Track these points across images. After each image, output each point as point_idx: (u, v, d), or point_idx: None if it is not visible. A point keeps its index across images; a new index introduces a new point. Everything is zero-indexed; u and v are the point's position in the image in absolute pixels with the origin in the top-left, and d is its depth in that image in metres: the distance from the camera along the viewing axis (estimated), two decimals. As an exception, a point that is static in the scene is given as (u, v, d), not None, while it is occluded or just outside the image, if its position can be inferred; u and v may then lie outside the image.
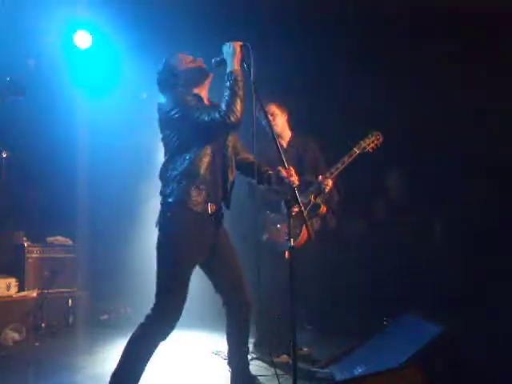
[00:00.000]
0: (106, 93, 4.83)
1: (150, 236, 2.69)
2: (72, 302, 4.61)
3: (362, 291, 4.39)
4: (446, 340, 2.77)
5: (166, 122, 2.67)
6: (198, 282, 2.89)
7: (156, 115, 2.69)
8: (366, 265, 4.52)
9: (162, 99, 2.71)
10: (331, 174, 3.51)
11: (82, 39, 4.61)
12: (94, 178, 4.91)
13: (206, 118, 2.54)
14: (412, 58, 4.43)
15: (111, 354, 2.59)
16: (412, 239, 4.43)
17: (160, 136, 2.71)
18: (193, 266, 2.66)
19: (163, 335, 2.53)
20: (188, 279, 2.61)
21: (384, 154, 4.50)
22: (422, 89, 4.44)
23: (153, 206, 4.31)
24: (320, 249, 3.78)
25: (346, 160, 3.51)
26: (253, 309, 2.83)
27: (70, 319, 4.59)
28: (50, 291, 4.49)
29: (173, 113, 2.60)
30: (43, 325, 4.39)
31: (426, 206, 4.63)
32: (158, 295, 2.57)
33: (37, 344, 4.08)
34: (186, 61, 2.76)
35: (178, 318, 2.55)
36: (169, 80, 2.73)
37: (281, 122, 3.80)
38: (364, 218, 4.90)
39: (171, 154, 2.65)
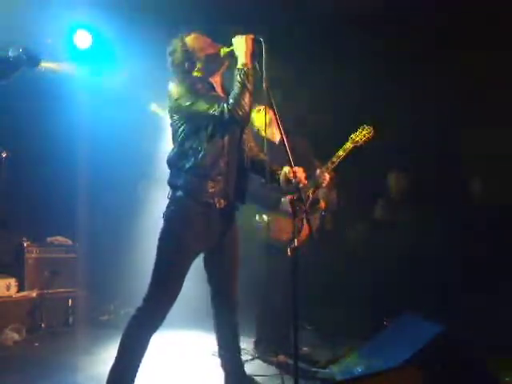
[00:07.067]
0: (106, 93, 4.82)
1: (150, 236, 2.69)
2: (72, 302, 4.60)
3: (362, 291, 4.39)
4: (446, 340, 2.78)
5: (174, 109, 2.61)
6: (197, 282, 2.90)
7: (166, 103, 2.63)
8: (366, 265, 4.52)
9: (171, 84, 2.62)
10: (327, 168, 3.53)
11: (82, 39, 4.60)
12: (94, 177, 4.91)
13: (215, 112, 2.48)
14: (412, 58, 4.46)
15: (111, 354, 2.56)
16: (412, 239, 4.42)
17: (169, 122, 2.67)
18: (193, 257, 2.62)
19: (154, 327, 2.52)
20: (186, 270, 2.57)
21: (384, 153, 4.56)
22: (422, 89, 4.46)
23: (153, 206, 4.35)
24: (320, 249, 3.78)
25: (341, 154, 3.52)
26: (237, 313, 2.78)
27: (70, 319, 4.58)
28: (49, 291, 4.50)
29: (182, 101, 2.54)
30: (43, 325, 4.39)
31: (426, 205, 4.64)
32: (152, 285, 2.53)
33: (37, 344, 4.08)
34: (203, 45, 2.66)
35: (168, 311, 2.53)
36: (183, 63, 2.65)
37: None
38: (364, 218, 4.89)
39: (183, 142, 2.59)
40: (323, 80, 4.63)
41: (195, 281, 2.91)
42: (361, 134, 3.55)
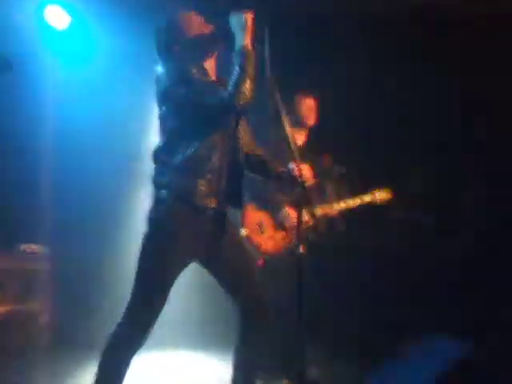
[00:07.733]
0: (83, 81, 4.54)
1: (134, 244, 2.41)
2: (45, 318, 4.37)
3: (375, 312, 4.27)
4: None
5: (164, 97, 2.38)
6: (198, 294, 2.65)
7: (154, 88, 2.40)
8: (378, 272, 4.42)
9: (160, 68, 2.42)
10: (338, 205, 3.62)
11: (57, 18, 4.27)
12: (72, 179, 4.59)
13: (213, 100, 2.28)
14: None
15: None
16: (425, 252, 4.36)
17: (157, 112, 2.44)
18: (180, 268, 2.40)
19: (135, 347, 2.30)
20: (171, 282, 2.36)
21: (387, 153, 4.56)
22: (422, 90, 4.46)
23: (137, 207, 4.11)
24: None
25: (357, 202, 3.66)
26: (269, 313, 2.51)
27: (44, 339, 4.31)
28: (19, 307, 4.21)
29: (174, 88, 2.33)
30: (12, 347, 4.04)
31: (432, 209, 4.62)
32: (133, 299, 2.31)
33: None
34: (195, 25, 2.45)
35: (150, 328, 2.32)
36: (172, 47, 2.43)
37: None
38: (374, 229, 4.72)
39: (171, 136, 2.39)
40: (324, 78, 4.51)
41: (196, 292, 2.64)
42: (381, 195, 3.72)
